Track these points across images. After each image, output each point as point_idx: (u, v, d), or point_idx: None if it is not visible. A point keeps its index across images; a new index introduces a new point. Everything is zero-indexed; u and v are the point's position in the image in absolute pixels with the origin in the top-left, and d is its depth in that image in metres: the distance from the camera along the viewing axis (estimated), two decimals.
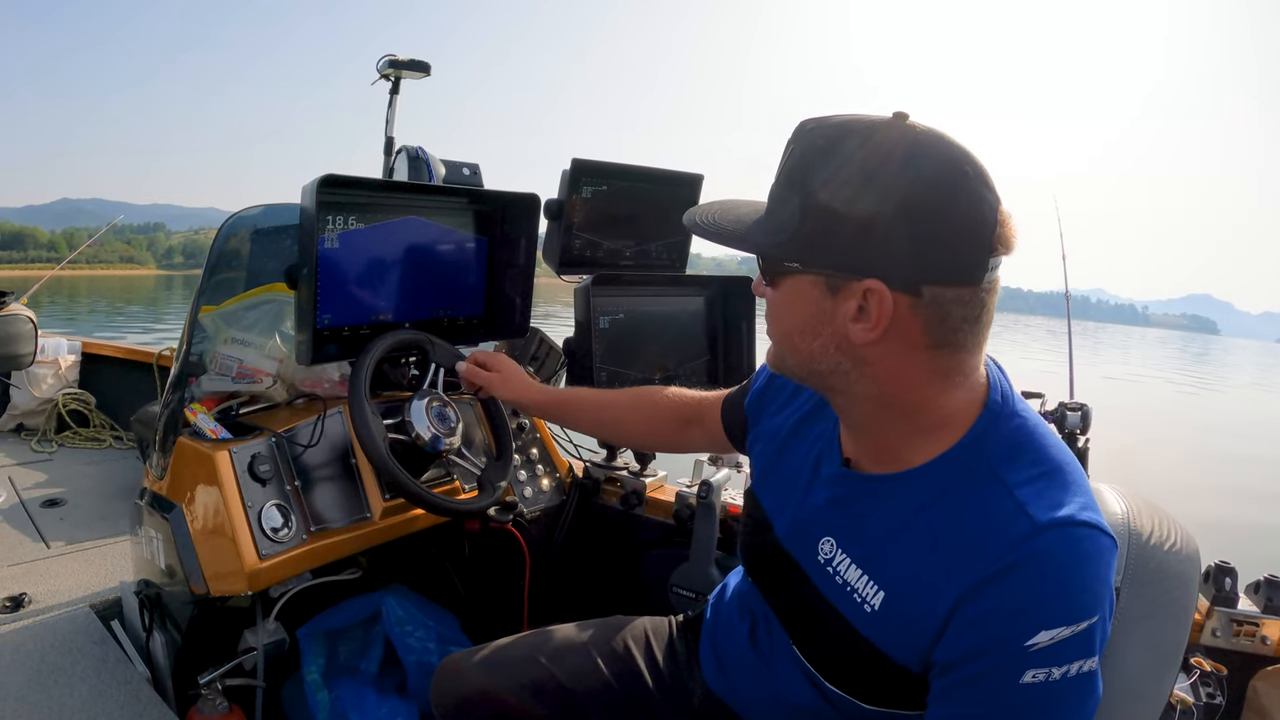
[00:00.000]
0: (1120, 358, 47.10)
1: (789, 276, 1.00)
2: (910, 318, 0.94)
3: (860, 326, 0.95)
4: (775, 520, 1.24)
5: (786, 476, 1.25)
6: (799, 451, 1.24)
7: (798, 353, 1.04)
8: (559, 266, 2.26)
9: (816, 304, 0.98)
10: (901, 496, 1.03)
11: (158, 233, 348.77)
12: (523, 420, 2.36)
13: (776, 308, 1.04)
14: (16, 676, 1.96)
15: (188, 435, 1.79)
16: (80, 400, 4.34)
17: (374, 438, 1.67)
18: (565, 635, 1.56)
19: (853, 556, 1.08)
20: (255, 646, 1.91)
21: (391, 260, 1.99)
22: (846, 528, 1.10)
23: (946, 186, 0.91)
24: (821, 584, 1.12)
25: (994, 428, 1.00)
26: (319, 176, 1.69)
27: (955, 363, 0.98)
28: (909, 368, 0.97)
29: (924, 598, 0.97)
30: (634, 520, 2.36)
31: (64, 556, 2.75)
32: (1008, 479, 0.95)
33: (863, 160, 0.92)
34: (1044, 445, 1.00)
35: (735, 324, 2.46)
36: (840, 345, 0.98)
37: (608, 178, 2.29)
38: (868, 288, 0.92)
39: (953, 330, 0.95)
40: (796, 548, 1.18)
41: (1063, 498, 0.94)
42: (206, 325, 1.92)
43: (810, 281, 0.97)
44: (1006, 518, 0.93)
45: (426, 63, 2.87)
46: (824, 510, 1.14)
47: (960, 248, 0.92)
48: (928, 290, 0.92)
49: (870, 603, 1.03)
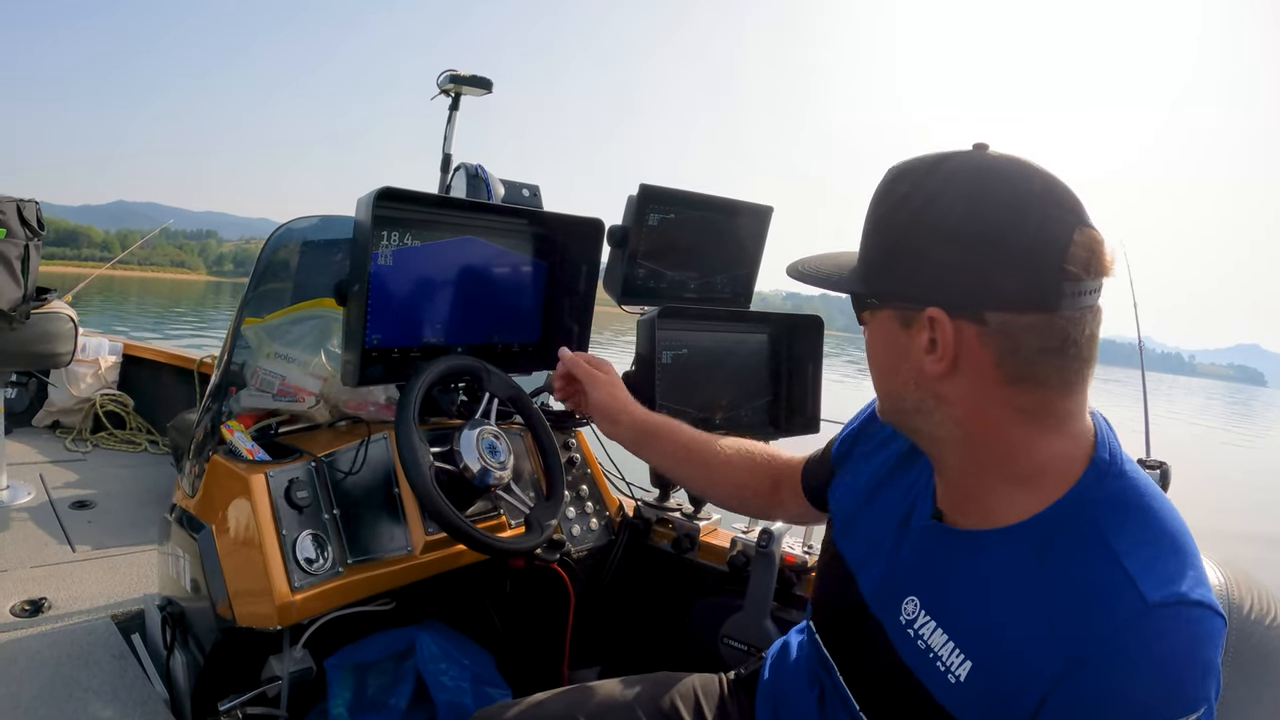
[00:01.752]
0: (1176, 410, 46.61)
1: (872, 314, 1.01)
2: (979, 347, 0.91)
3: (931, 359, 0.93)
4: (859, 574, 1.16)
5: (874, 527, 1.17)
6: (890, 500, 1.16)
7: (888, 394, 1.04)
8: (621, 296, 2.17)
9: (894, 339, 0.98)
10: (994, 556, 0.96)
11: (209, 239, 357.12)
12: (574, 455, 2.29)
13: (868, 349, 1.05)
14: (28, 686, 1.92)
15: (223, 453, 1.73)
16: (118, 402, 4.33)
17: (420, 467, 1.58)
18: (608, 692, 1.47)
19: (938, 620, 1.00)
20: (280, 675, 1.82)
21: (446, 281, 1.92)
22: (933, 588, 1.03)
23: (1007, 207, 0.88)
24: (903, 649, 1.03)
25: (1100, 486, 0.92)
26: (375, 189, 1.63)
27: (1040, 402, 0.92)
28: (988, 405, 0.93)
29: (1017, 672, 0.88)
30: (685, 565, 2.25)
31: (89, 562, 2.70)
32: (1115, 544, 0.87)
33: (927, 189, 0.92)
34: (1156, 509, 0.91)
35: (801, 365, 2.36)
36: (919, 381, 0.97)
37: (675, 205, 2.20)
38: (931, 316, 0.92)
39: (1029, 363, 0.90)
40: (881, 607, 1.10)
41: (1174, 570, 0.86)
42: (249, 338, 1.86)
43: (887, 316, 0.98)
44: (1113, 591, 0.84)
45: (488, 79, 2.82)
46: (909, 567, 1.08)
47: (1023, 270, 0.87)
48: (993, 317, 0.89)
49: (955, 673, 0.95)
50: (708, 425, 2.19)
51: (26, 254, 2.87)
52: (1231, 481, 17.30)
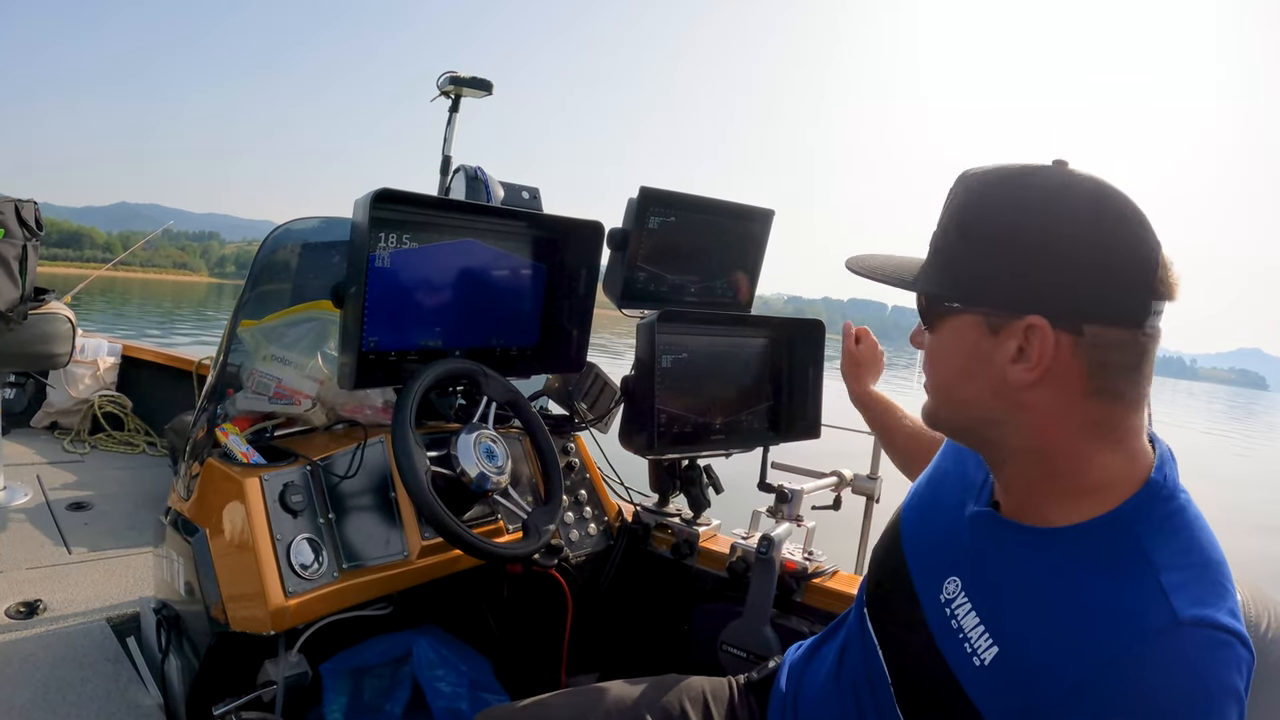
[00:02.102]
0: (1183, 416, 46.52)
1: (949, 318, 1.00)
2: (1070, 360, 0.92)
3: (1020, 368, 0.94)
4: (909, 552, 1.20)
5: (934, 509, 1.22)
6: (956, 484, 1.20)
7: (953, 401, 1.04)
8: (621, 300, 2.15)
9: (975, 345, 0.97)
10: (1039, 553, 0.98)
11: (211, 241, 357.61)
12: (573, 459, 2.28)
13: (935, 352, 1.04)
14: (22, 689, 1.91)
15: (217, 456, 1.71)
16: (116, 403, 4.32)
17: (416, 471, 1.57)
18: (615, 693, 1.46)
19: (974, 604, 1.03)
20: (275, 680, 1.81)
21: (444, 283, 1.90)
22: (977, 572, 1.06)
23: (1106, 225, 0.91)
24: (937, 628, 1.07)
25: (1150, 506, 0.94)
26: (373, 190, 1.62)
27: (1112, 416, 0.95)
28: (1065, 418, 0.95)
29: (1041, 666, 0.91)
30: (684, 571, 2.24)
31: (85, 564, 2.69)
32: (1155, 559, 0.89)
33: (1023, 201, 0.94)
34: (1200, 539, 0.93)
35: (801, 368, 2.34)
36: (997, 390, 0.97)
37: (676, 208, 2.19)
38: (1030, 324, 0.92)
39: (1112, 377, 0.93)
40: (923, 582, 1.13)
41: (1210, 597, 0.87)
42: (246, 340, 1.84)
43: (970, 321, 0.98)
44: (1147, 601, 0.86)
45: (488, 81, 2.80)
46: (958, 549, 1.10)
47: (1121, 286, 0.91)
48: (1089, 330, 0.91)
49: (981, 656, 0.98)
50: (707, 430, 2.17)
51: (25, 254, 2.86)
52: (1225, 486, 17.25)
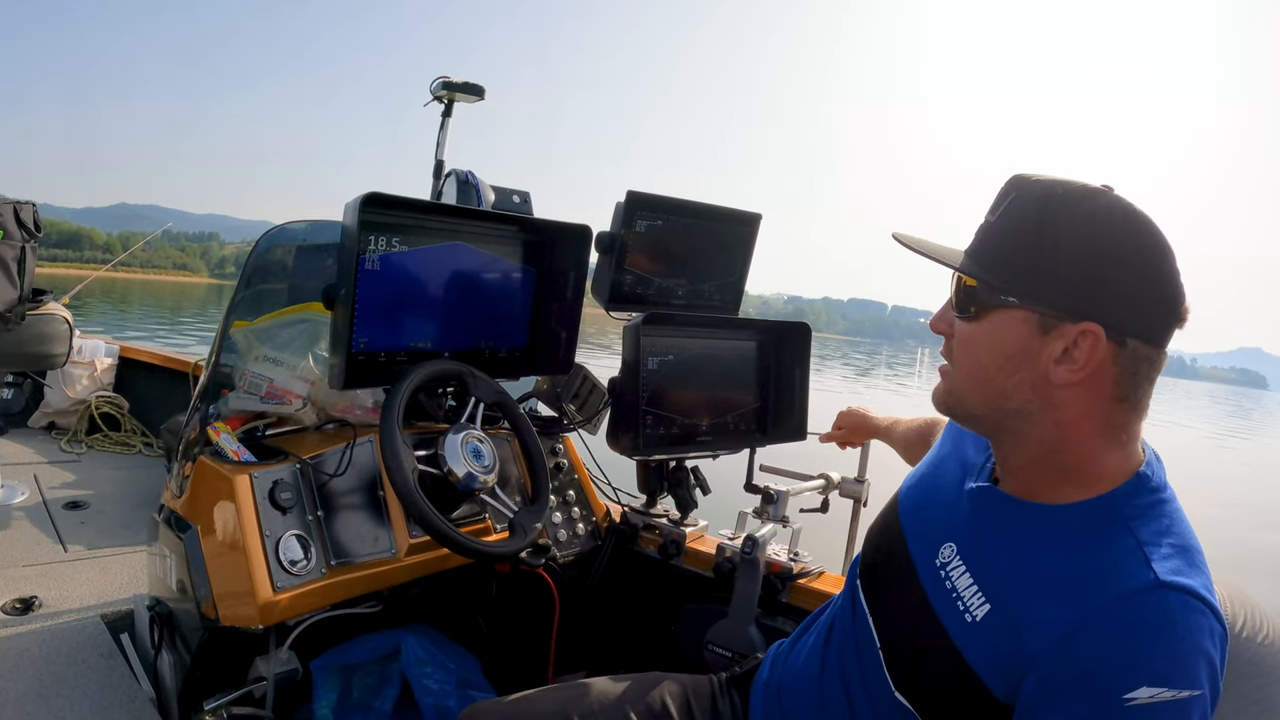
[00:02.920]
0: (1183, 417, 46.38)
1: (999, 310, 1.05)
2: (1110, 367, 1.00)
3: (1065, 368, 1.01)
4: (906, 524, 1.27)
5: (932, 486, 1.29)
6: (955, 465, 1.27)
7: (988, 387, 1.08)
8: (608, 303, 2.18)
9: (1023, 340, 1.03)
10: (1034, 525, 1.07)
11: (211, 242, 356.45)
12: (561, 460, 2.30)
13: (974, 340, 1.09)
14: (17, 683, 1.92)
15: (209, 454, 1.73)
16: (113, 404, 4.33)
17: (404, 470, 1.60)
18: (598, 689, 1.48)
19: (968, 566, 1.10)
20: (266, 676, 1.83)
21: (434, 286, 1.92)
22: (972, 538, 1.13)
23: (1159, 256, 0.99)
24: (930, 587, 1.14)
25: (1138, 493, 1.03)
26: (363, 194, 1.64)
27: (1126, 421, 1.04)
28: (1091, 417, 1.03)
29: (1030, 619, 0.99)
30: (671, 571, 2.26)
31: (80, 561, 2.70)
32: (1139, 535, 0.98)
33: (1091, 215, 1.00)
34: (1180, 524, 1.02)
35: (788, 370, 2.37)
36: (1036, 385, 1.03)
37: (663, 212, 2.21)
38: (1085, 330, 0.99)
39: (1135, 386, 1.02)
40: (918, 548, 1.21)
41: (1189, 570, 0.95)
42: (238, 340, 1.86)
43: (1022, 317, 1.03)
44: (1131, 565, 0.95)
45: (480, 86, 2.83)
46: (956, 518, 1.18)
47: (1162, 310, 1.00)
48: (1131, 343, 0.99)
49: (973, 613, 1.05)
50: (694, 431, 2.20)
51: (23, 255, 2.87)
52: (1219, 484, 17.26)
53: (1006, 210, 1.06)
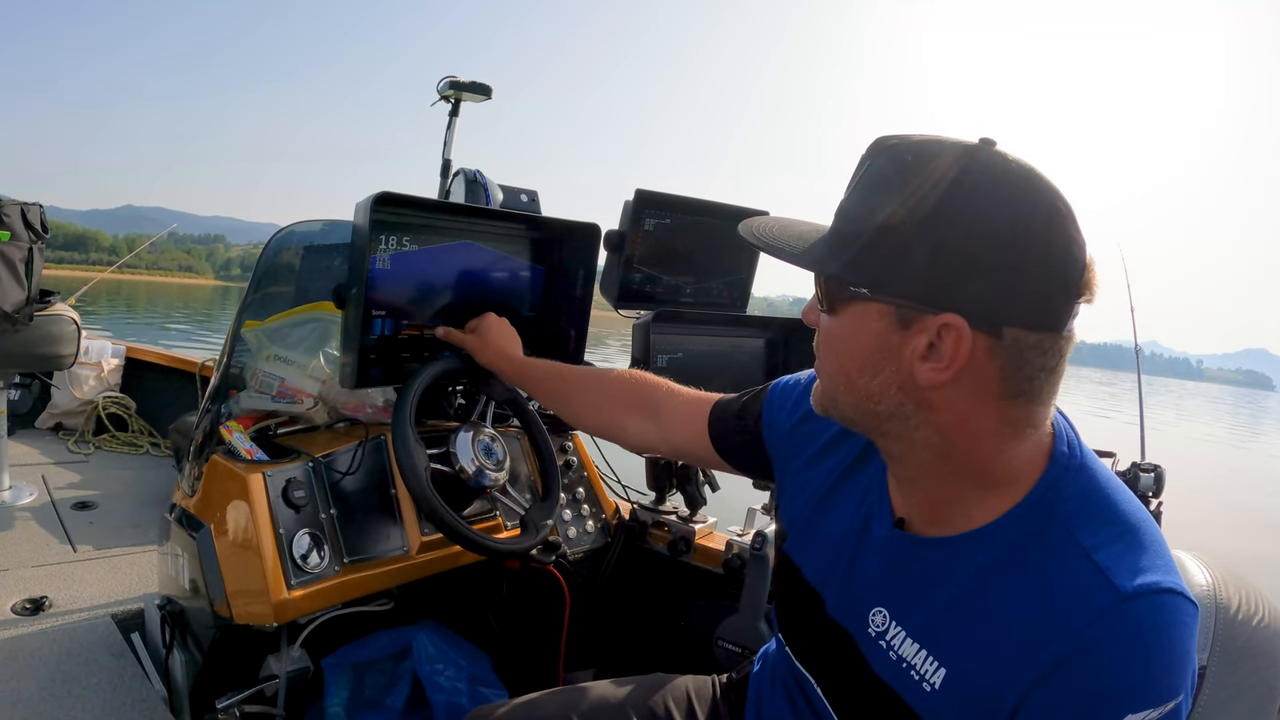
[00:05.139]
0: (1188, 417, 46.16)
1: (853, 303, 0.91)
2: (986, 361, 0.85)
3: (929, 366, 0.86)
4: (822, 588, 1.13)
5: (831, 539, 1.13)
6: (843, 510, 1.13)
7: (853, 390, 0.94)
8: (617, 301, 2.18)
9: (882, 336, 0.89)
10: (963, 561, 0.94)
11: (217, 244, 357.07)
12: (570, 458, 2.30)
13: (833, 338, 0.95)
14: (28, 683, 1.93)
15: (222, 453, 1.74)
16: (120, 404, 4.34)
17: (416, 467, 1.60)
18: (601, 693, 1.46)
19: (908, 630, 0.98)
20: (278, 674, 1.83)
21: (443, 284, 1.93)
22: (900, 597, 1.00)
23: (1040, 223, 0.83)
24: (874, 661, 1.01)
25: (1062, 482, 0.90)
26: (374, 193, 1.64)
27: (1026, 414, 0.89)
28: (977, 417, 0.89)
29: (994, 675, 0.87)
30: (681, 568, 2.26)
31: (90, 562, 2.70)
32: (1084, 541, 0.86)
33: (951, 184, 0.83)
34: (1118, 501, 0.90)
35: (796, 368, 2.35)
36: (904, 385, 0.89)
37: (671, 210, 2.21)
38: (945, 323, 0.84)
39: (1028, 379, 0.86)
40: (848, 619, 1.07)
41: (1144, 561, 0.85)
42: (249, 340, 1.87)
43: (878, 311, 0.88)
44: (1088, 586, 0.83)
45: (488, 85, 2.83)
46: (875, 578, 1.04)
47: (1048, 290, 0.84)
48: (1009, 332, 0.84)
49: (930, 681, 0.93)
50: None
51: (30, 256, 2.88)
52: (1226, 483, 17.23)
53: (858, 184, 0.91)
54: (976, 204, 0.83)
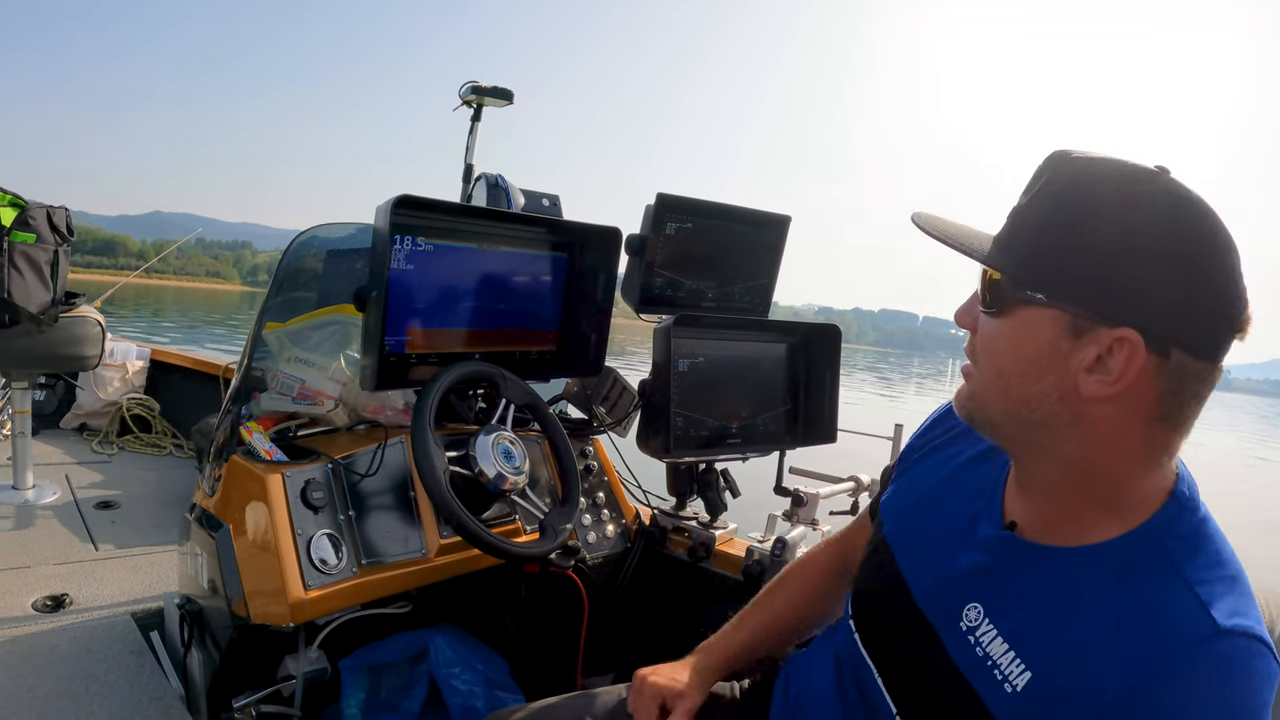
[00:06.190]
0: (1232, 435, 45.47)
1: (1025, 307, 0.91)
2: (1150, 382, 0.86)
3: (1096, 379, 0.87)
4: (912, 579, 1.13)
5: (933, 531, 1.14)
6: (952, 505, 1.14)
7: (1009, 395, 0.95)
8: (638, 305, 2.17)
9: (1051, 344, 0.89)
10: (1069, 573, 0.94)
11: (244, 250, 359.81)
12: (591, 462, 2.29)
13: (996, 340, 0.96)
14: (47, 679, 1.94)
15: (241, 454, 1.74)
16: (144, 405, 4.37)
17: (435, 470, 1.60)
18: (616, 698, 1.45)
19: (1000, 629, 0.98)
20: (295, 675, 1.83)
21: (464, 288, 1.93)
22: (998, 597, 1.01)
23: (1218, 254, 0.85)
24: (959, 655, 1.01)
25: (1178, 520, 0.91)
26: (394, 196, 1.65)
27: (1167, 441, 0.91)
28: (1127, 437, 0.90)
29: (1079, 685, 0.87)
30: (700, 573, 2.25)
31: (111, 560, 2.72)
32: (1189, 575, 0.87)
33: (1136, 203, 0.86)
34: (1225, 549, 0.91)
35: (818, 374, 2.35)
36: (1064, 396, 0.90)
37: (693, 214, 2.20)
38: (1121, 337, 0.85)
39: (1180, 406, 0.88)
40: (936, 612, 1.07)
41: (1242, 606, 0.85)
42: (270, 342, 1.87)
43: (1051, 317, 0.89)
44: (1186, 615, 0.84)
45: (509, 90, 2.83)
46: (974, 574, 1.05)
47: (1217, 320, 0.86)
48: (1176, 356, 0.85)
49: (1013, 682, 0.93)
50: (724, 434, 2.18)
51: (56, 259, 2.91)
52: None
53: (1040, 193, 0.92)
54: (1160, 227, 0.85)
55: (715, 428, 2.18)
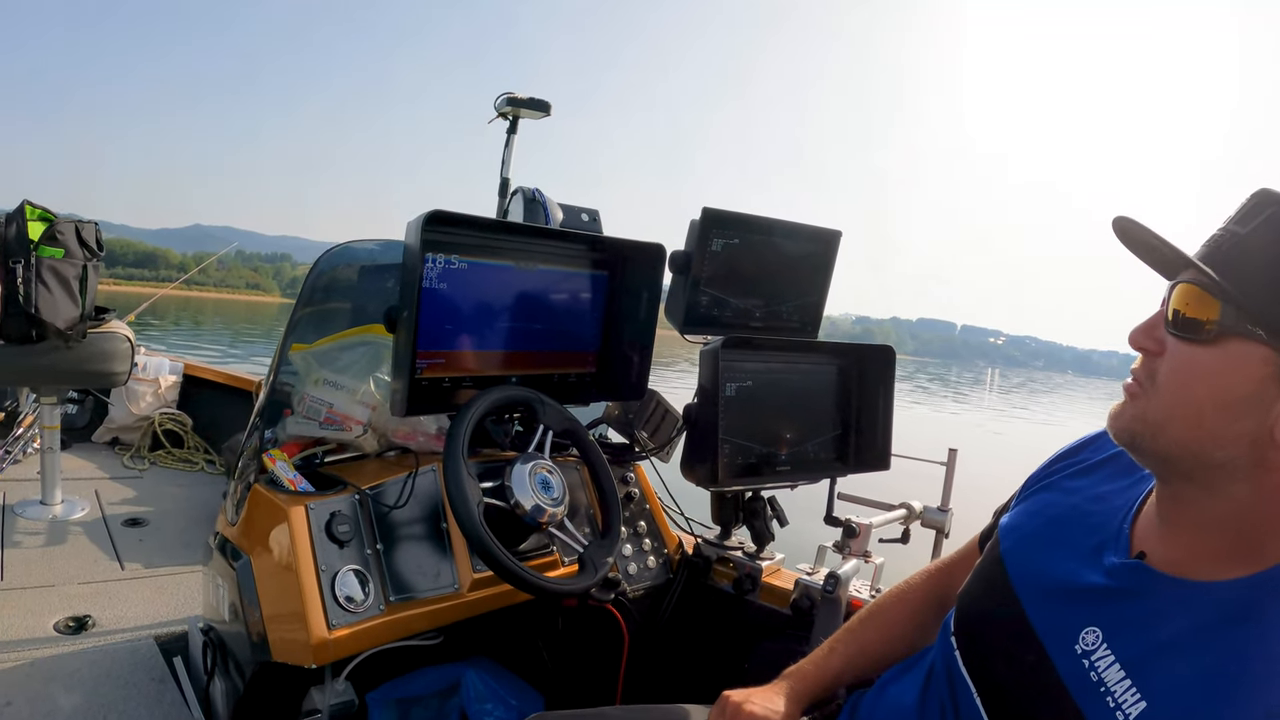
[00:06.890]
0: None
1: (1239, 340, 0.86)
2: None
3: None
4: (1026, 597, 1.09)
5: (1055, 553, 1.10)
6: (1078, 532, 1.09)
7: (1197, 428, 0.89)
8: (684, 325, 2.08)
9: (1258, 384, 0.85)
10: (1196, 607, 0.91)
11: (284, 263, 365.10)
12: (632, 489, 2.21)
13: (1193, 369, 0.90)
14: (66, 706, 1.91)
15: (264, 483, 1.68)
16: (177, 421, 4.37)
17: (468, 502, 1.52)
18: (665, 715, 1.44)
19: (1119, 656, 0.94)
20: (320, 708, 1.77)
21: (500, 308, 1.85)
22: (1120, 624, 0.97)
23: None
24: (1070, 678, 0.98)
25: None
26: (425, 212, 1.58)
27: None
28: None
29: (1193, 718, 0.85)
30: (746, 607, 2.16)
31: (136, 580, 2.70)
32: None
33: None
34: None
35: (871, 397, 2.25)
36: (1257, 440, 0.86)
37: (740, 230, 2.11)
38: None
39: None
40: (1049, 632, 1.03)
41: None
42: (297, 363, 1.81)
43: (1263, 357, 0.85)
44: None
45: (546, 102, 2.77)
46: (1096, 598, 1.01)
47: None
48: None
49: (1126, 711, 0.90)
50: (772, 461, 2.09)
51: (85, 274, 2.89)
52: None
53: (1265, 223, 0.87)
54: None
55: (763, 454, 2.08)
